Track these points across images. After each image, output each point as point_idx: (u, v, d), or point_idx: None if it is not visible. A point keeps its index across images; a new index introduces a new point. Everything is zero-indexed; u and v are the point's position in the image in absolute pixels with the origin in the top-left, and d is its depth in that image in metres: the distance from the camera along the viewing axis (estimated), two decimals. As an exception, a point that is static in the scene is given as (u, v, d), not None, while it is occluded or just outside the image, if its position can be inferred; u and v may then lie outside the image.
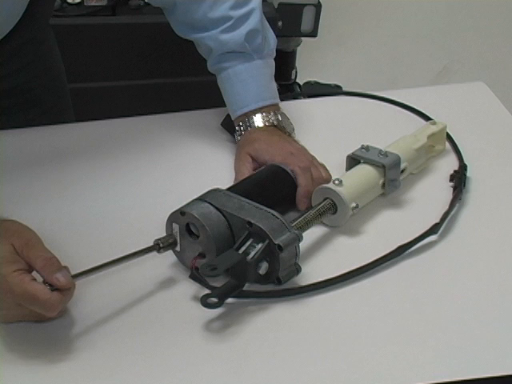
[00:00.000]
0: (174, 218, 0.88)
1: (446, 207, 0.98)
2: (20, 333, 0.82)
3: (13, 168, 1.04)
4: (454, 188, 1.02)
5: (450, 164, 1.07)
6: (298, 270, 0.87)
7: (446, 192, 1.02)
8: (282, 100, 1.12)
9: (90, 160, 1.08)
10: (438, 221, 0.95)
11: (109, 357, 0.79)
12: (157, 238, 0.87)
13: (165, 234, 0.88)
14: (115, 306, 0.85)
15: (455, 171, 1.04)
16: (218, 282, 0.85)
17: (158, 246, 0.87)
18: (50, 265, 0.78)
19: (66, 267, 0.79)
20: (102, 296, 0.86)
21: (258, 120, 1.07)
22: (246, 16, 1.07)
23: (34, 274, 0.79)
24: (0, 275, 0.77)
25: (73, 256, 0.85)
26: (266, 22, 1.11)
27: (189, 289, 0.87)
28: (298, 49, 2.21)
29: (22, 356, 0.79)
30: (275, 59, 1.13)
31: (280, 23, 2.00)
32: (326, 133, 1.15)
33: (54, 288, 0.77)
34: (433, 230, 0.94)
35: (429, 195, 1.02)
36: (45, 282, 0.77)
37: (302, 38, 2.18)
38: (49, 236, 0.83)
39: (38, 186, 1.03)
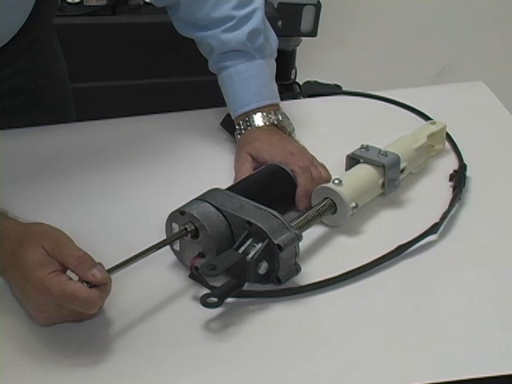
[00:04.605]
0: (173, 217, 0.88)
1: (446, 207, 0.98)
2: (20, 333, 0.82)
3: (13, 168, 1.04)
4: (454, 188, 1.02)
5: (449, 164, 1.07)
6: (297, 270, 0.87)
7: (446, 192, 1.02)
8: (281, 100, 1.12)
9: (90, 160, 1.08)
10: (437, 220, 0.95)
11: (108, 357, 0.79)
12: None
13: (165, 235, 0.88)
14: (115, 306, 0.84)
15: (455, 171, 1.04)
16: (217, 282, 0.85)
17: (186, 231, 0.86)
18: (83, 262, 0.78)
19: (99, 263, 0.79)
20: (102, 296, 0.86)
21: (259, 119, 1.07)
22: (249, 16, 1.07)
23: (69, 272, 0.78)
24: (36, 279, 0.77)
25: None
26: (268, 23, 1.11)
27: (189, 289, 0.87)
28: (298, 48, 2.21)
29: (23, 356, 0.79)
30: (275, 59, 1.13)
31: (280, 23, 2.00)
32: (325, 133, 1.15)
33: (90, 285, 0.77)
34: (432, 229, 0.94)
35: (428, 195, 1.02)
36: (81, 281, 0.77)
37: (302, 38, 2.18)
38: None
39: (38, 186, 1.03)
